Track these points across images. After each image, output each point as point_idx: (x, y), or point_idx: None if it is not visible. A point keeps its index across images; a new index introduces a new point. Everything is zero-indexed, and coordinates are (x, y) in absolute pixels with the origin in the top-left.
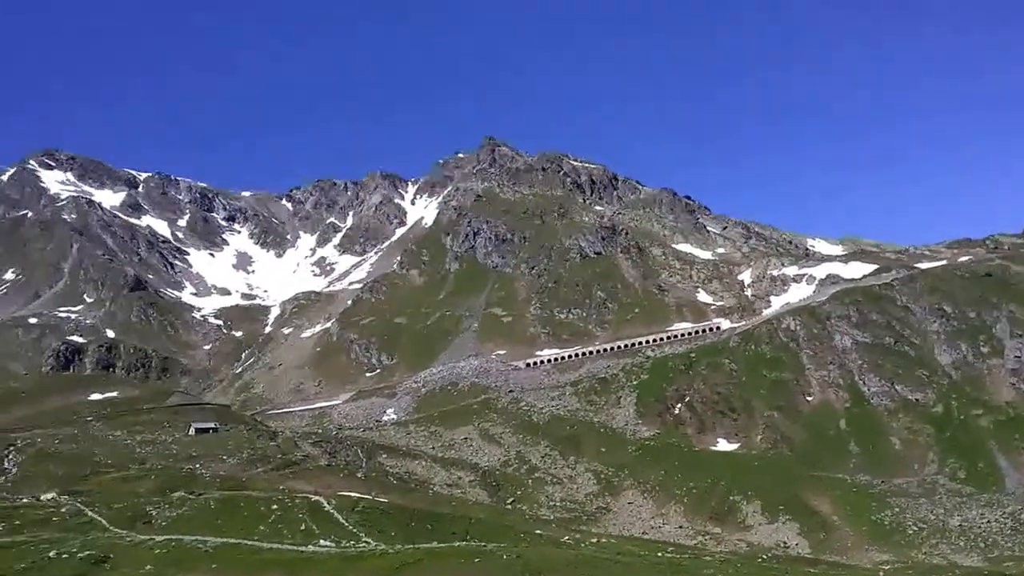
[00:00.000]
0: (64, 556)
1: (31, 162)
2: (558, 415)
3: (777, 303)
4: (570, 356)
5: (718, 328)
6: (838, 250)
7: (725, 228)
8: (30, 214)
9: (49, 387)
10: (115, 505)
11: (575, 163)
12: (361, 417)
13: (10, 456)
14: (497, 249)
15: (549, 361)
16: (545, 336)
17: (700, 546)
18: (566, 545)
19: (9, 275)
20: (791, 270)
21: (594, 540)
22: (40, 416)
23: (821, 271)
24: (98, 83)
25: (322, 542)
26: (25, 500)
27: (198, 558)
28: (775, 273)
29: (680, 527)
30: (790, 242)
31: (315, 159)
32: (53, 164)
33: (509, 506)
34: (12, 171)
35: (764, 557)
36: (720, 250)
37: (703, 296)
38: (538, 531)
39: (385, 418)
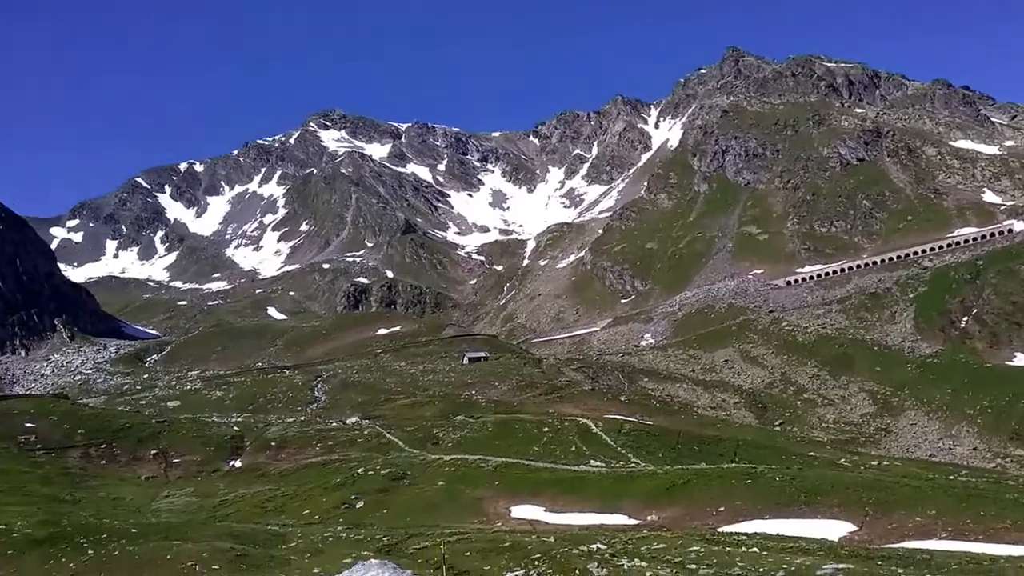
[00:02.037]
0: (370, 473)
1: (311, 124)
2: (825, 334)
3: None
4: (834, 272)
5: (1010, 231)
6: None
7: (1015, 117)
8: (315, 171)
9: (344, 324)
10: (407, 428)
11: (829, 64)
12: (619, 342)
13: (319, 386)
14: (748, 165)
15: (811, 278)
16: (805, 252)
17: (1000, 469)
18: (843, 467)
19: (304, 227)
20: None
21: (874, 463)
22: (339, 350)
23: None
24: (361, 45)
25: (592, 462)
26: (334, 424)
27: (482, 475)
28: None
29: (974, 449)
30: None
31: (557, 90)
32: (329, 124)
33: (778, 428)
34: (297, 134)
35: None
36: (1009, 143)
37: (990, 196)
38: (811, 453)
39: (643, 343)
